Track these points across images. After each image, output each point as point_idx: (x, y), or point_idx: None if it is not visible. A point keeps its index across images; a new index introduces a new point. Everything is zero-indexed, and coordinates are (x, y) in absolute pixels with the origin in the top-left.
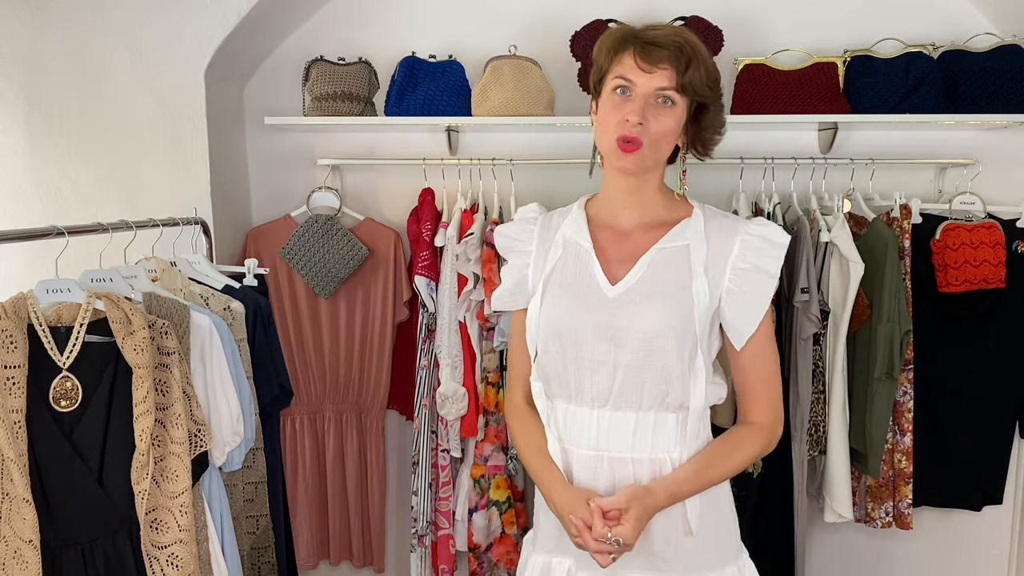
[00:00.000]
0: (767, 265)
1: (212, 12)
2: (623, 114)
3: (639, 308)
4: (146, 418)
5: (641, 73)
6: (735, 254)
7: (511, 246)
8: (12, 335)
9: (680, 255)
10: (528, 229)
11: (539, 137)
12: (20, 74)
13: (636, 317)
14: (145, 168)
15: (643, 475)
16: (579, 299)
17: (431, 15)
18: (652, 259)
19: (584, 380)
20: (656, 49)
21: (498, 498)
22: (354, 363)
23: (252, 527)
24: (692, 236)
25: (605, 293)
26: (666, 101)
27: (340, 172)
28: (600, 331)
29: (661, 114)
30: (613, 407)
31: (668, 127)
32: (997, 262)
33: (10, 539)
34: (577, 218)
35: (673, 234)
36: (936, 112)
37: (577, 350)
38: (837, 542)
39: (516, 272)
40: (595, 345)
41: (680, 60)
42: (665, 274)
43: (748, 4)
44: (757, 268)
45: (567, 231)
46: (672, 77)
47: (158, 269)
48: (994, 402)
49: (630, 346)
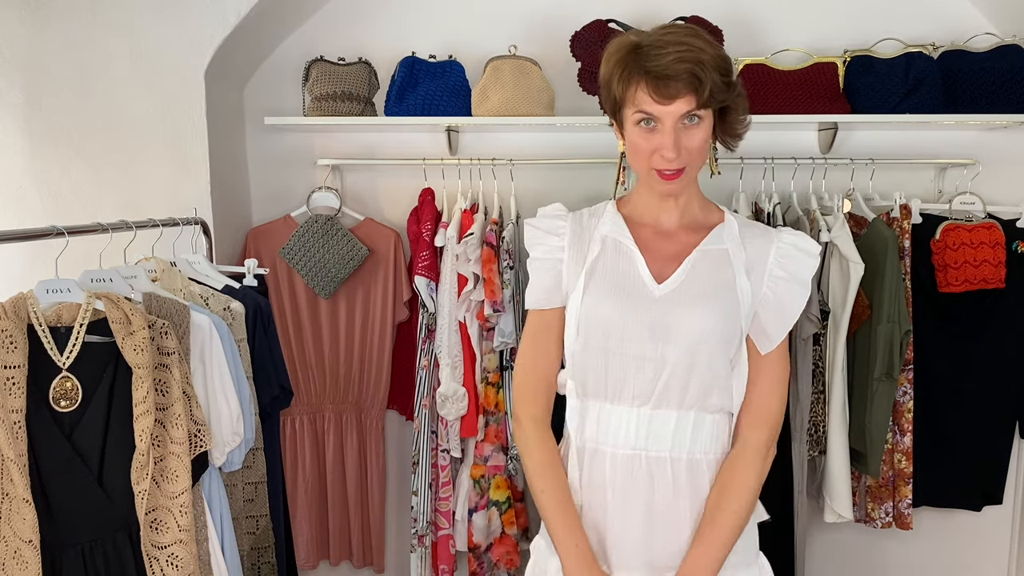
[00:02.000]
0: (802, 274)
1: (212, 12)
2: (653, 146)
3: (688, 307)
4: (146, 418)
5: (660, 106)
6: (771, 261)
7: (540, 239)
8: (12, 335)
9: (721, 258)
10: (559, 224)
11: (539, 137)
12: (20, 74)
13: (685, 316)
14: (145, 168)
15: (680, 474)
16: (625, 296)
17: (431, 15)
18: (696, 260)
19: (628, 377)
20: (670, 83)
21: (498, 498)
22: (354, 363)
23: (252, 527)
24: (730, 240)
25: (652, 291)
26: (692, 119)
27: (340, 172)
28: (648, 329)
29: (691, 133)
30: (654, 406)
31: (701, 140)
32: (997, 262)
33: (10, 539)
34: (614, 217)
35: (713, 237)
36: (936, 112)
37: (623, 346)
38: (837, 542)
39: (550, 268)
40: (642, 343)
41: (694, 83)
42: (711, 275)
43: (748, 4)
44: (792, 277)
45: (604, 229)
46: (692, 101)
47: (158, 269)
48: (994, 402)
49: (678, 345)
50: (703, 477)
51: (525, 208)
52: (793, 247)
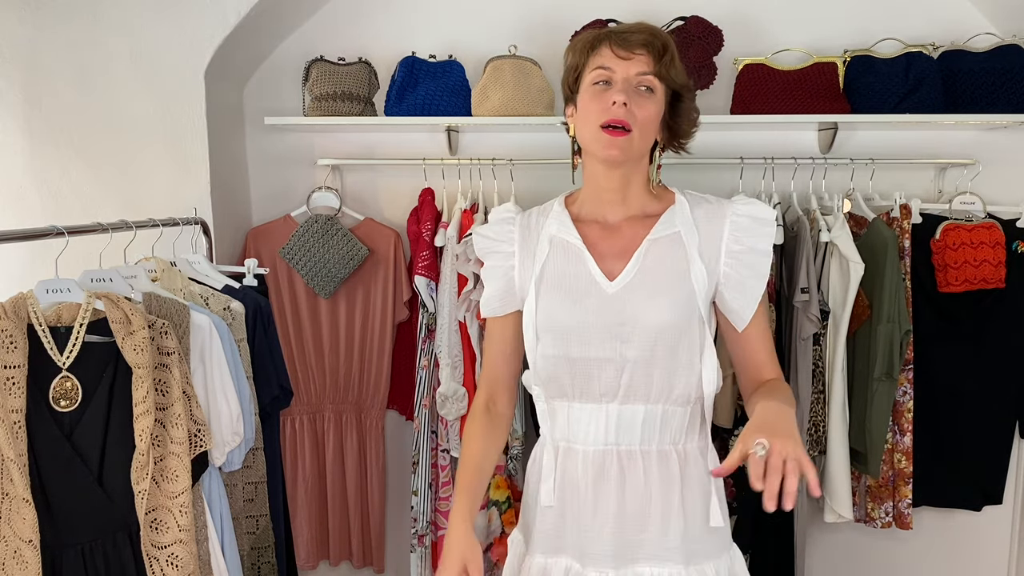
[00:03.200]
0: (759, 244)
1: (212, 12)
2: (604, 102)
3: (642, 303)
4: (146, 418)
5: (620, 60)
6: (727, 237)
7: (490, 247)
8: (12, 335)
9: (673, 243)
10: (507, 229)
11: (539, 137)
12: (20, 74)
13: (640, 312)
14: (145, 168)
15: (652, 466)
16: (578, 297)
17: (431, 15)
18: (647, 251)
19: (592, 378)
20: (631, 36)
21: (498, 498)
22: (354, 363)
23: (252, 527)
24: (681, 223)
25: (604, 290)
26: (647, 89)
27: (340, 172)
28: (605, 329)
29: (643, 101)
30: (622, 401)
31: (652, 112)
32: (997, 262)
33: (10, 539)
34: (560, 215)
35: (662, 223)
36: (936, 112)
37: (582, 349)
38: (837, 542)
39: (501, 275)
40: (601, 343)
41: (655, 47)
42: (662, 265)
43: (748, 4)
44: (751, 249)
45: (551, 229)
46: (650, 63)
47: (158, 269)
48: (994, 402)
49: (636, 342)
50: (674, 466)
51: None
52: (748, 218)
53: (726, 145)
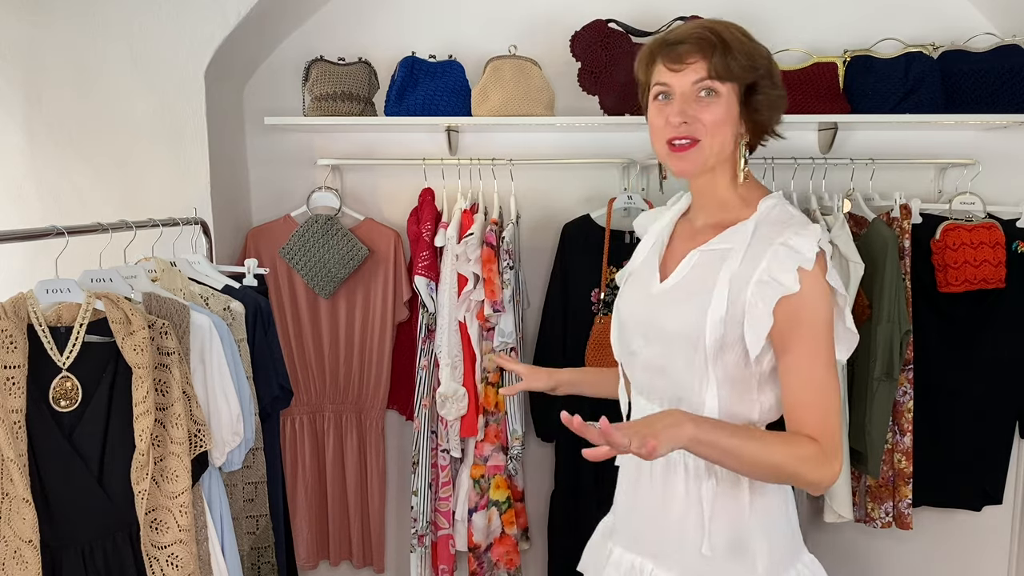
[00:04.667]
0: (782, 276)
1: (212, 12)
2: (665, 116)
3: (668, 309)
4: (146, 418)
5: (672, 74)
6: (762, 266)
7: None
8: (12, 335)
9: (717, 260)
10: (656, 215)
11: (539, 137)
12: (20, 74)
13: (664, 317)
14: (145, 168)
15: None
16: (635, 292)
17: (431, 15)
18: (695, 260)
19: (633, 368)
20: (680, 46)
21: (498, 498)
22: (354, 363)
23: (252, 527)
24: (738, 240)
25: (651, 290)
26: (708, 93)
27: (340, 172)
28: (639, 326)
29: (705, 107)
30: (647, 399)
31: (718, 115)
32: (997, 262)
33: (10, 539)
34: (677, 210)
35: (721, 237)
36: (936, 112)
37: (627, 344)
38: (837, 542)
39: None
40: (635, 340)
41: (706, 49)
42: (698, 278)
43: (748, 4)
44: (773, 280)
45: (664, 221)
46: (704, 68)
47: (158, 269)
48: (994, 402)
49: (655, 345)
50: (678, 482)
51: (525, 208)
52: (785, 247)
53: None
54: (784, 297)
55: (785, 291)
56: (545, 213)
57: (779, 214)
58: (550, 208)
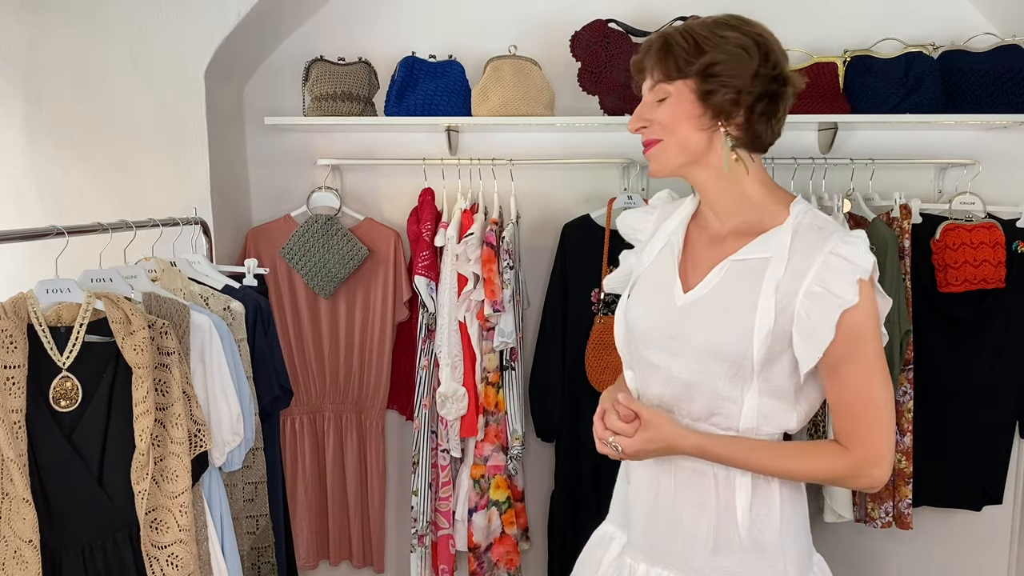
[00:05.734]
0: (838, 288)
1: (212, 12)
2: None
3: (701, 322)
4: (146, 418)
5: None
6: (812, 275)
7: (630, 234)
8: (12, 335)
9: (756, 269)
10: (646, 218)
11: (539, 137)
12: (20, 74)
13: (696, 331)
14: (145, 168)
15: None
16: (652, 302)
17: (431, 15)
18: (727, 271)
19: (645, 382)
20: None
21: (498, 498)
22: (354, 363)
23: (252, 527)
24: (776, 249)
25: (675, 300)
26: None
27: (340, 172)
28: (662, 338)
29: (660, 107)
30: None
31: (670, 112)
32: (997, 262)
33: (10, 539)
34: (685, 214)
35: (755, 244)
36: (936, 112)
37: (641, 352)
38: (837, 542)
39: (631, 257)
40: (656, 350)
41: (652, 56)
42: (735, 289)
43: (748, 4)
44: (828, 292)
45: (671, 226)
46: (652, 74)
47: (158, 269)
48: (994, 402)
49: (683, 359)
50: (709, 491)
51: (525, 208)
52: (840, 258)
53: None
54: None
55: (845, 304)
56: (545, 213)
57: (813, 219)
58: (550, 208)
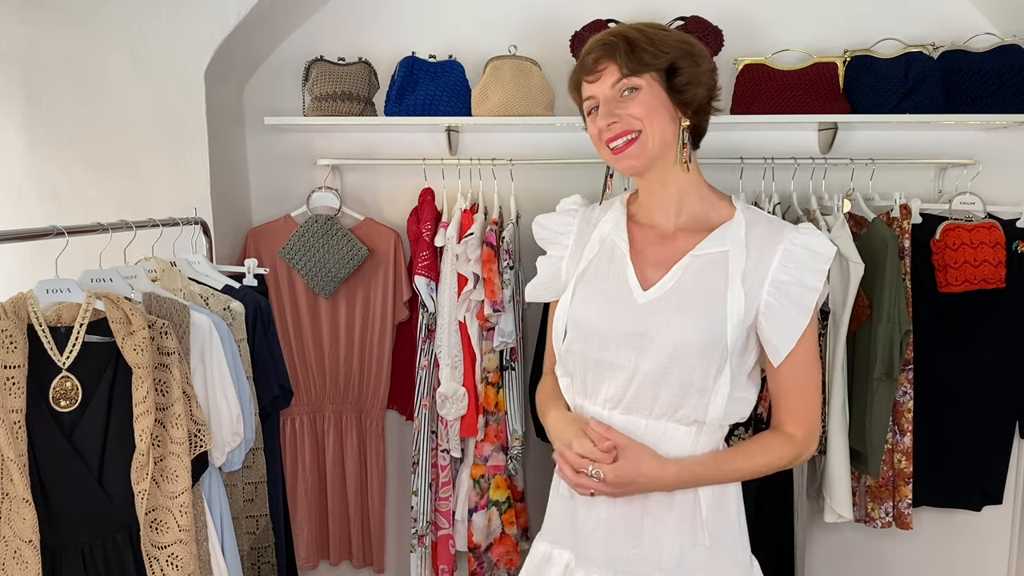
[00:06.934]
0: (809, 278)
1: (212, 12)
2: (598, 125)
3: (668, 317)
4: (146, 418)
5: (592, 85)
6: (776, 265)
7: (549, 238)
8: (12, 335)
9: (717, 262)
10: (568, 221)
11: (539, 137)
12: (20, 74)
13: (664, 326)
14: (145, 168)
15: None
16: (609, 302)
17: (431, 15)
18: (688, 266)
19: (603, 382)
20: (589, 56)
21: (498, 498)
22: (354, 363)
23: (252, 527)
24: (732, 242)
25: (636, 298)
26: (630, 91)
27: (340, 172)
28: (625, 337)
29: (632, 100)
30: (624, 411)
31: (647, 104)
32: (997, 262)
33: (10, 539)
34: (618, 215)
35: (712, 239)
36: (936, 112)
37: (599, 353)
38: (837, 542)
39: (551, 264)
40: (617, 350)
41: (613, 52)
42: (699, 283)
43: (748, 4)
44: (798, 281)
45: (605, 228)
46: (617, 69)
47: (158, 269)
48: (994, 402)
49: (651, 356)
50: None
51: (525, 208)
52: (803, 248)
53: (726, 145)
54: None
55: (817, 294)
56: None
57: (756, 214)
58: (550, 208)
